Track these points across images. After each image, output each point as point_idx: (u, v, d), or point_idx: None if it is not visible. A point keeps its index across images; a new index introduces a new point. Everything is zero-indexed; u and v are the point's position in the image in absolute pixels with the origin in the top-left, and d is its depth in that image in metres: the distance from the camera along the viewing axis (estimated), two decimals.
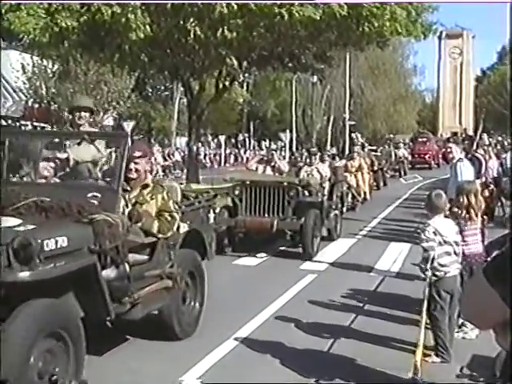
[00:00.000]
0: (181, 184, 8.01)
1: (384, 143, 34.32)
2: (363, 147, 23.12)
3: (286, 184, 9.03)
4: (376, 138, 45.86)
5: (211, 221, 5.89)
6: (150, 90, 40.89)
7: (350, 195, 13.92)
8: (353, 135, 37.69)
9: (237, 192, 8.99)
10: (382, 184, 20.12)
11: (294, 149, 37.75)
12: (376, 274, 7.96)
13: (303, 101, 47.72)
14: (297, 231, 8.83)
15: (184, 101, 32.05)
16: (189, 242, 5.04)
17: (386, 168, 22.24)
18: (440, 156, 34.23)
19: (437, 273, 4.77)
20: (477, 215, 5.27)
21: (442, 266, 4.78)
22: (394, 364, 4.64)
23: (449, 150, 8.09)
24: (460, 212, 5.23)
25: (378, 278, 7.70)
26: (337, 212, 10.48)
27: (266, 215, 8.89)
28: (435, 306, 4.78)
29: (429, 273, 4.74)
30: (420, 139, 35.95)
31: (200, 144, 37.91)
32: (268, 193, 8.90)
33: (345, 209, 12.61)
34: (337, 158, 17.33)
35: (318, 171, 10.59)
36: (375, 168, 18.53)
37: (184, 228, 5.01)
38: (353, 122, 40.99)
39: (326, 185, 10.36)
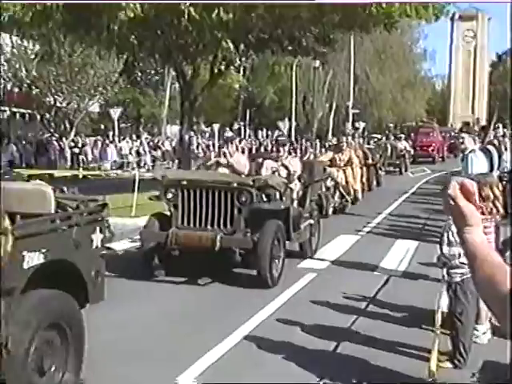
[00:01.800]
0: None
1: (383, 134, 33.24)
2: (362, 138, 22.76)
3: (235, 185, 7.22)
4: (382, 128, 45.96)
5: (95, 244, 4.31)
6: (140, 75, 40.77)
7: (337, 194, 13.40)
8: (356, 124, 37.82)
9: (170, 196, 7.34)
10: (374, 183, 18.32)
11: (293, 138, 37.77)
12: (381, 273, 8.02)
13: (304, 87, 47.71)
14: (249, 250, 7.03)
15: (176, 86, 32.04)
16: (51, 280, 3.83)
17: (379, 164, 20.09)
18: (445, 148, 34.32)
19: (462, 270, 4.62)
20: (498, 211, 5.09)
21: (466, 264, 4.77)
22: (399, 368, 4.71)
23: (461, 140, 8.03)
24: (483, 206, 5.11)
25: (382, 277, 7.76)
26: (312, 221, 8.71)
27: (209, 227, 7.19)
28: (462, 310, 4.70)
29: (451, 274, 4.70)
30: (423, 129, 34.65)
31: (192, 133, 37.86)
32: (211, 197, 7.20)
33: (330, 211, 12.56)
34: (323, 150, 17.16)
35: (286, 167, 8.49)
36: (369, 162, 17.29)
37: (33, 260, 3.62)
38: (357, 111, 41.13)
39: (297, 186, 8.54)
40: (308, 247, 8.77)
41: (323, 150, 17.08)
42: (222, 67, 17.22)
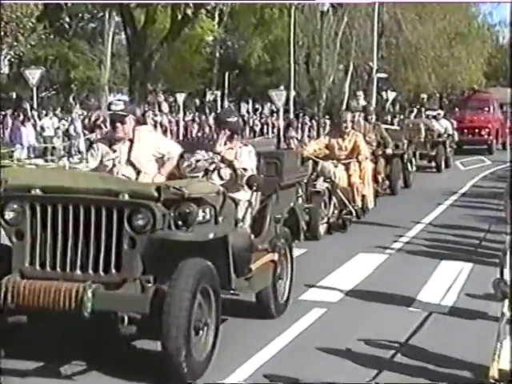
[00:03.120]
0: None
1: (411, 111, 31.60)
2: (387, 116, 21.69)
3: (125, 199, 5.89)
4: (420, 100, 46.16)
5: None
6: (68, 21, 40.74)
7: (333, 202, 12.62)
8: (384, 94, 38.01)
9: (11, 215, 6.02)
10: (400, 183, 18.14)
11: (291, 114, 37.94)
12: (418, 308, 8.10)
13: (307, 40, 47.98)
14: (145, 315, 5.77)
15: (122, 38, 32.01)
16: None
17: (408, 155, 19.31)
18: (508, 130, 34.38)
19: None
20: None
21: None
22: None
23: None
24: None
25: (419, 315, 7.82)
26: (275, 255, 7.51)
27: (78, 272, 5.88)
28: None
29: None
30: (473, 102, 33.49)
31: (147, 106, 37.97)
32: (83, 219, 5.89)
33: (322, 229, 12.28)
34: (300, 134, 16.73)
35: (230, 164, 7.19)
36: (389, 152, 16.66)
37: None
38: (384, 75, 41.34)
39: (252, 196, 7.27)
40: (270, 298, 7.56)
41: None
42: (189, 11, 17.24)
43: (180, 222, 5.96)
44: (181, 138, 41.30)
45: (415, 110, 29.88)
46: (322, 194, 12.33)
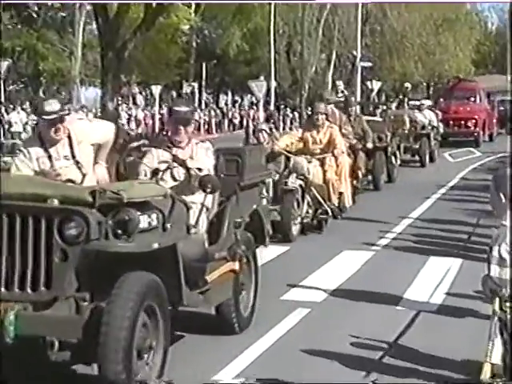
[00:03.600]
0: None
1: (393, 101, 31.40)
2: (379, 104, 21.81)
3: (53, 204, 5.39)
4: (403, 89, 46.12)
5: None
6: (36, 10, 40.54)
7: (307, 201, 12.25)
8: (369, 84, 38.05)
9: None
10: (383, 178, 18.07)
11: (272, 107, 37.92)
12: (405, 307, 8.11)
13: (288, 29, 48.00)
14: (85, 338, 5.27)
15: (93, 28, 31.86)
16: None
17: (391, 148, 19.11)
18: (495, 121, 34.41)
19: None
20: None
21: None
22: None
23: None
24: None
25: (407, 314, 7.83)
26: (235, 264, 6.97)
27: (3, 290, 5.31)
28: None
29: (505, 307, 4.80)
30: (458, 91, 33.26)
31: (120, 99, 37.86)
32: (7, 228, 5.34)
33: (295, 230, 11.87)
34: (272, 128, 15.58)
35: (182, 163, 6.80)
36: (369, 146, 16.39)
37: None
38: (369, 64, 41.39)
39: (207, 199, 6.76)
40: (232, 312, 7.10)
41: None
42: None
43: (119, 231, 5.39)
44: (157, 131, 41.40)
45: (397, 101, 29.09)
46: (294, 193, 11.90)
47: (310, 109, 36.39)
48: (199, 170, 6.67)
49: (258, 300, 7.61)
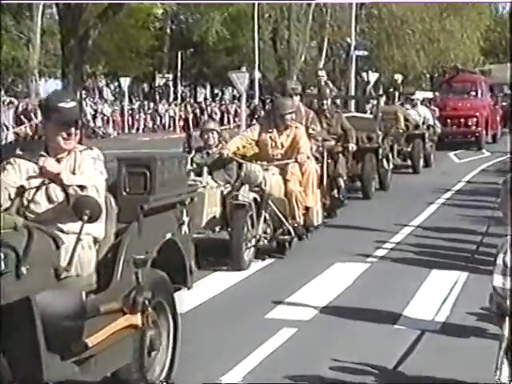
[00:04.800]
0: None
1: (381, 95, 28.26)
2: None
3: None
4: (393, 81, 46.15)
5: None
6: None
7: (262, 220, 11.05)
8: (364, 76, 38.10)
9: None
10: (373, 184, 17.49)
11: (256, 101, 37.93)
12: (404, 326, 8.10)
13: (274, 13, 48.03)
14: None
15: (54, 12, 31.77)
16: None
17: (384, 149, 18.55)
18: (498, 119, 33.46)
19: None
20: None
21: None
22: None
23: None
24: None
25: (408, 334, 7.82)
26: (135, 319, 5.86)
27: None
28: None
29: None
30: (457, 84, 32.83)
31: (85, 93, 37.75)
32: None
33: (247, 256, 10.66)
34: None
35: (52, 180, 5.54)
36: (352, 148, 15.39)
37: None
38: (365, 52, 41.48)
39: (88, 229, 5.50)
40: (134, 379, 6.04)
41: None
42: None
43: None
44: (126, 130, 41.35)
45: (384, 95, 25.59)
46: (246, 208, 10.75)
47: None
48: (81, 187, 5.51)
49: (177, 358, 6.53)
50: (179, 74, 51.62)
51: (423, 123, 23.45)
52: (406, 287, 9.54)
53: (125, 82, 40.81)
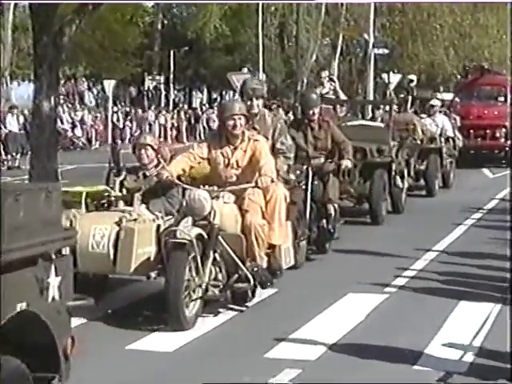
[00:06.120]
0: None
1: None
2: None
3: None
4: (406, 84, 46.04)
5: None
6: None
7: (209, 264, 9.67)
8: (385, 77, 38.14)
9: None
10: (383, 209, 16.76)
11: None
12: (427, 367, 8.07)
13: (281, 6, 48.19)
14: None
15: (26, 7, 31.94)
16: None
17: (398, 164, 18.01)
18: None
19: None
20: None
21: None
22: None
23: None
24: None
25: (429, 375, 7.79)
26: None
27: None
28: None
29: None
30: (481, 88, 32.05)
31: (62, 98, 37.72)
32: None
33: (189, 312, 9.36)
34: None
35: None
36: (346, 165, 13.88)
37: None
38: (385, 51, 41.59)
39: None
40: None
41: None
42: None
43: None
44: (110, 140, 41.44)
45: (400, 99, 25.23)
46: (187, 248, 9.42)
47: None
48: None
49: None
50: (172, 76, 51.81)
51: (440, 135, 22.51)
52: (428, 321, 9.52)
53: (109, 85, 40.84)
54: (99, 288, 10.03)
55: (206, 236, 9.62)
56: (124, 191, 10.56)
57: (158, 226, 9.79)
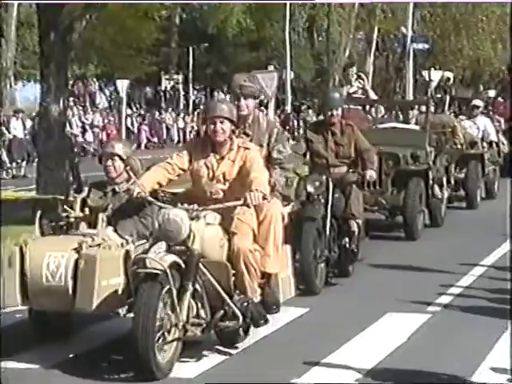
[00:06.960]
0: None
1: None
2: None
3: None
4: (443, 81, 45.90)
5: None
6: None
7: (188, 299, 8.77)
8: (425, 74, 38.07)
9: None
10: (421, 220, 16.70)
11: (288, 108, 38.01)
12: None
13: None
14: None
15: (33, 3, 32.14)
16: None
17: (436, 172, 17.82)
18: None
19: None
20: None
21: None
22: None
23: None
24: None
25: None
26: None
27: None
28: None
29: None
30: None
31: (72, 100, 37.89)
32: None
33: (161, 358, 8.47)
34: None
35: None
36: (370, 176, 13.32)
37: None
38: (425, 46, 41.54)
39: None
40: None
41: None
42: None
43: None
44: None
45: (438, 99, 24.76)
46: (160, 280, 8.57)
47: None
48: None
49: None
50: (191, 75, 51.93)
51: (482, 139, 22.26)
52: (476, 344, 9.50)
53: (122, 85, 41.00)
54: (59, 328, 9.51)
55: (183, 264, 8.73)
56: (86, 211, 9.71)
57: (127, 252, 8.98)
